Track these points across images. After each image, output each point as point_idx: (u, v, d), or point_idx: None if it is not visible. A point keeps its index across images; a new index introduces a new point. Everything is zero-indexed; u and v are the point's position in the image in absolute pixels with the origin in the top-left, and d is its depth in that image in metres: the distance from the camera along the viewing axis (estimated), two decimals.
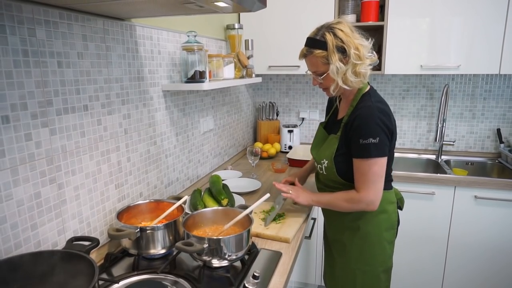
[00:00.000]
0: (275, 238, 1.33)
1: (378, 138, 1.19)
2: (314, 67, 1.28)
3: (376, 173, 1.23)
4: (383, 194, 1.29)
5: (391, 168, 1.37)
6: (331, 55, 1.20)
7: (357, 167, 1.26)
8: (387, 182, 1.33)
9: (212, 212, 1.25)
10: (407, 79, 2.60)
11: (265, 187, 1.91)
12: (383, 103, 1.28)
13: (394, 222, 1.38)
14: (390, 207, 1.36)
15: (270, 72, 2.47)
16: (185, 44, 1.52)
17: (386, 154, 1.23)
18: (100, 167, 1.22)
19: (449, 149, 2.58)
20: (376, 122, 1.19)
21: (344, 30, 1.21)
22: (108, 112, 1.24)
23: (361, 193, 1.25)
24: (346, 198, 1.29)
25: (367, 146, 1.20)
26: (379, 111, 1.21)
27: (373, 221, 1.33)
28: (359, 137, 1.21)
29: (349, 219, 1.36)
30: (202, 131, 1.97)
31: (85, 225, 1.17)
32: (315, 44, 1.23)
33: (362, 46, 1.22)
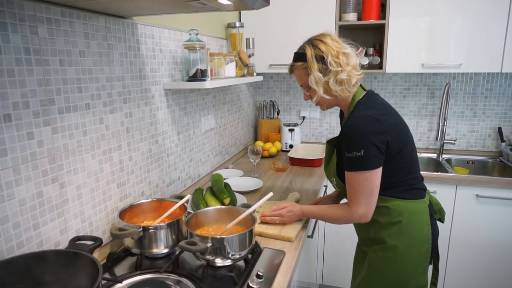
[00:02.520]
0: (278, 237, 1.33)
1: (363, 150, 1.12)
2: (300, 81, 1.28)
3: (365, 187, 1.16)
4: (408, 204, 1.22)
5: (417, 175, 1.27)
6: (310, 65, 1.19)
7: (347, 179, 1.21)
8: (411, 191, 1.24)
9: (215, 211, 1.24)
10: (408, 77, 2.60)
11: (266, 185, 1.91)
12: (376, 108, 1.19)
13: (427, 235, 1.24)
14: (421, 219, 1.23)
15: (271, 70, 2.46)
16: (187, 43, 1.51)
17: (375, 166, 1.15)
18: (102, 166, 1.21)
19: (450, 148, 2.58)
20: (360, 133, 1.13)
21: (324, 40, 1.20)
22: (110, 110, 1.23)
23: (352, 207, 1.20)
24: (338, 212, 1.26)
25: (352, 159, 1.15)
26: (366, 120, 1.14)
27: (402, 234, 1.22)
28: (345, 150, 1.17)
29: (373, 231, 1.28)
30: (203, 130, 1.96)
31: (87, 225, 1.16)
32: (297, 57, 1.25)
33: (344, 54, 1.19)
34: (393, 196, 1.22)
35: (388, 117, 1.18)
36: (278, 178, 2.06)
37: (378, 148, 1.13)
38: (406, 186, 1.23)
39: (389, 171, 1.19)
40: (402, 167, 1.22)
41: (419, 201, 1.25)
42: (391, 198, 1.22)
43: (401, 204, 1.22)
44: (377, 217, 1.23)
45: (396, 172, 1.21)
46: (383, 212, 1.23)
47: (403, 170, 1.22)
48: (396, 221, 1.22)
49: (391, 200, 1.22)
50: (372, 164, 1.14)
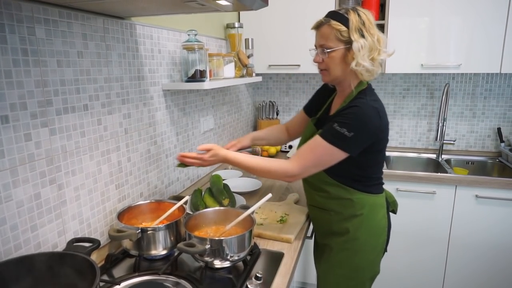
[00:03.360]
0: (277, 238, 1.32)
1: (353, 134, 1.10)
2: (323, 40, 1.18)
3: (321, 158, 1.15)
4: (370, 198, 1.26)
5: (381, 171, 1.31)
6: (352, 32, 1.12)
7: (313, 140, 1.17)
8: (375, 186, 1.28)
9: (214, 212, 1.24)
10: (407, 78, 2.60)
11: (265, 186, 1.90)
12: (379, 103, 1.19)
13: (384, 228, 1.30)
14: (380, 212, 1.29)
15: (270, 71, 2.46)
16: (186, 43, 1.51)
17: (349, 151, 1.13)
18: (100, 167, 1.21)
19: (449, 148, 2.58)
20: (363, 119, 1.11)
21: (369, 17, 1.16)
22: (108, 111, 1.23)
23: (291, 162, 1.18)
24: (271, 162, 1.21)
25: (336, 132, 1.11)
26: (371, 110, 1.13)
27: (363, 226, 1.26)
28: (338, 121, 1.12)
29: (337, 222, 1.30)
30: (202, 131, 1.96)
31: (85, 226, 1.16)
32: (336, 16, 1.15)
33: (381, 38, 1.17)
34: (359, 189, 1.25)
35: (385, 115, 1.19)
36: None
37: (365, 142, 1.15)
38: (373, 181, 1.28)
39: (365, 165, 1.23)
40: (376, 164, 1.27)
41: (379, 196, 1.30)
42: (356, 191, 1.25)
43: (364, 197, 1.26)
44: (340, 209, 1.28)
45: (370, 168, 1.26)
46: (346, 204, 1.27)
47: (377, 167, 1.28)
48: (359, 214, 1.26)
49: (356, 193, 1.26)
50: (348, 149, 1.14)
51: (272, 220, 1.45)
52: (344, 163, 1.18)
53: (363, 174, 1.25)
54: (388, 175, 2.14)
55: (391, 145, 2.70)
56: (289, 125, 1.63)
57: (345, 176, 1.25)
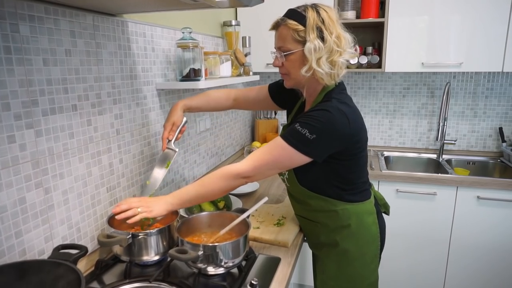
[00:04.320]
0: (274, 243, 1.28)
1: (315, 136, 1.00)
2: (281, 41, 1.09)
3: (279, 162, 1.06)
4: (356, 207, 1.17)
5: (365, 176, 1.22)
6: (309, 32, 1.02)
7: (271, 143, 1.07)
8: (360, 193, 1.19)
9: (208, 216, 1.20)
10: (407, 77, 2.55)
11: (263, 187, 1.86)
12: (348, 106, 1.07)
13: (376, 234, 1.21)
14: (369, 219, 1.20)
15: (268, 70, 2.41)
16: (180, 41, 1.46)
17: (310, 154, 1.03)
18: (90, 170, 1.17)
19: (450, 148, 2.54)
20: (326, 122, 1.01)
21: (330, 14, 1.05)
22: (98, 112, 1.19)
23: (243, 164, 1.07)
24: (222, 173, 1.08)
25: (297, 133, 1.01)
26: (339, 116, 1.02)
27: (352, 237, 1.18)
28: (299, 122, 1.02)
29: (325, 234, 1.22)
30: (198, 131, 1.91)
31: (74, 231, 1.12)
32: (293, 15, 1.06)
33: (344, 37, 1.06)
34: (343, 200, 1.16)
35: (357, 118, 1.08)
36: (275, 180, 2.01)
37: (330, 147, 1.05)
38: (357, 188, 1.19)
39: (344, 172, 1.13)
40: (357, 169, 1.17)
41: (366, 202, 1.21)
42: (340, 202, 1.16)
43: (349, 208, 1.17)
44: (326, 221, 1.21)
45: (351, 174, 1.16)
46: (332, 216, 1.19)
47: (358, 172, 1.18)
48: (346, 225, 1.18)
49: (339, 204, 1.17)
50: (310, 153, 1.03)
51: (269, 223, 1.41)
52: (321, 173, 1.13)
53: (345, 182, 1.15)
54: (388, 176, 2.10)
55: (391, 145, 2.67)
56: (241, 94, 1.44)
57: (325, 188, 1.16)
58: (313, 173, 1.14)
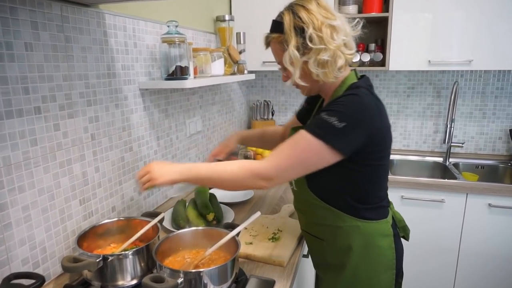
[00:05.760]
0: (268, 261, 1.14)
1: (344, 124, 0.85)
2: (276, 57, 1.01)
3: (305, 159, 0.89)
4: (370, 226, 1.01)
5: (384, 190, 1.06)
6: (287, 39, 0.93)
7: (295, 136, 0.91)
8: (377, 210, 1.03)
9: (191, 233, 1.06)
10: (412, 75, 2.41)
11: (257, 196, 1.72)
12: (377, 98, 0.96)
13: (391, 261, 1.04)
14: (384, 242, 1.03)
15: (264, 68, 2.27)
16: (165, 36, 1.32)
17: (340, 148, 0.88)
18: (58, 181, 1.02)
19: (457, 151, 2.40)
20: (359, 110, 0.87)
21: (308, 7, 0.92)
22: (68, 115, 1.05)
23: (263, 162, 0.91)
24: (240, 164, 0.93)
25: (324, 122, 0.87)
26: (371, 100, 0.91)
27: (363, 259, 1.02)
28: (325, 110, 0.89)
29: (332, 254, 1.07)
30: (188, 134, 1.77)
31: (38, 252, 0.98)
32: (274, 26, 0.98)
33: (330, 26, 0.91)
34: (353, 215, 1.01)
35: (386, 113, 0.97)
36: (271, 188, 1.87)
37: (359, 138, 0.88)
38: (374, 202, 1.03)
39: (362, 179, 0.98)
40: (377, 179, 1.02)
41: (382, 222, 1.03)
42: (349, 217, 1.01)
43: (361, 226, 1.01)
44: (332, 238, 1.05)
45: (369, 184, 1.00)
46: (338, 233, 1.03)
47: (378, 183, 1.03)
48: (355, 246, 1.02)
49: (349, 219, 1.01)
50: (339, 144, 0.87)
51: (263, 237, 1.26)
52: (334, 179, 0.98)
53: (360, 193, 0.99)
54: (392, 181, 1.96)
55: (394, 148, 2.52)
56: (285, 128, 1.39)
57: (336, 197, 1.00)
58: (326, 178, 0.98)
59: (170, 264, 0.99)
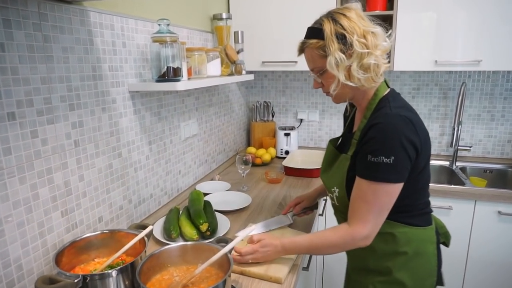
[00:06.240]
0: (264, 278, 1.06)
1: (393, 157, 0.90)
2: (311, 63, 1.05)
3: (380, 203, 0.95)
4: (416, 232, 1.03)
5: (427, 196, 1.07)
6: (329, 44, 0.96)
7: (358, 189, 0.97)
8: (422, 216, 1.05)
9: (180, 249, 0.97)
10: (417, 76, 2.32)
11: (256, 202, 1.64)
12: (408, 109, 0.98)
13: (434, 268, 1.06)
14: (430, 249, 1.05)
15: (264, 68, 2.19)
16: (155, 35, 1.24)
17: (401, 179, 0.94)
18: (36, 192, 0.95)
19: (464, 155, 2.31)
20: (394, 136, 0.91)
21: (348, 15, 0.97)
22: (48, 120, 0.97)
23: (355, 225, 0.97)
24: (333, 236, 1.00)
25: (375, 165, 0.92)
26: (401, 121, 0.92)
27: (408, 267, 1.03)
28: (369, 152, 0.93)
29: (375, 259, 1.07)
30: (183, 137, 1.69)
31: (13, 269, 0.90)
32: (312, 33, 1.01)
33: (371, 33, 0.96)
34: (401, 221, 1.02)
35: (421, 123, 0.97)
36: (271, 191, 1.79)
37: (410, 158, 0.93)
38: (417, 210, 1.05)
39: (406, 191, 0.97)
40: (419, 189, 1.03)
41: (428, 228, 1.06)
42: (398, 224, 1.02)
43: (408, 231, 1.03)
44: (378, 244, 1.03)
45: (413, 195, 1.01)
46: (387, 239, 1.04)
47: (420, 192, 1.04)
48: (402, 252, 1.03)
49: (398, 226, 1.02)
50: (399, 176, 0.93)
51: None
52: None
53: (405, 203, 1.00)
54: None
55: None
56: None
57: None
58: None
59: (157, 283, 0.91)
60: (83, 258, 1.01)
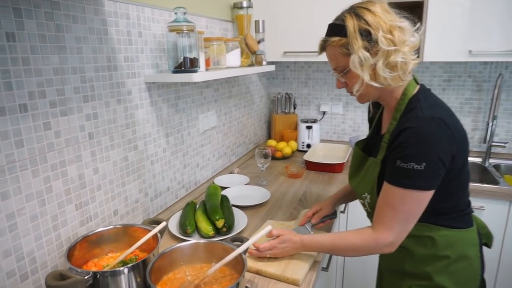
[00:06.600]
0: (281, 279, 1.02)
1: (424, 164, 0.84)
2: (333, 62, 0.98)
3: (408, 210, 0.89)
4: (458, 235, 0.97)
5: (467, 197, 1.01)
6: (352, 42, 0.89)
7: (385, 195, 0.92)
8: (463, 218, 0.99)
9: (191, 247, 0.94)
10: (448, 67, 2.19)
11: (275, 198, 1.59)
12: (441, 108, 0.91)
13: (477, 272, 1.00)
14: (472, 252, 0.99)
15: (285, 59, 2.11)
16: (172, 24, 1.20)
17: (432, 186, 0.87)
18: (50, 185, 0.93)
19: (498, 151, 2.17)
20: (426, 141, 0.84)
21: (372, 10, 0.89)
22: (61, 112, 0.95)
23: (379, 232, 0.92)
24: (356, 239, 0.96)
25: (405, 171, 0.86)
26: (435, 124, 0.85)
27: (450, 271, 0.96)
28: (399, 157, 0.87)
29: (412, 263, 1.01)
30: (201, 130, 1.66)
31: (27, 262, 0.89)
32: (333, 30, 0.94)
33: (399, 28, 0.88)
34: (442, 224, 0.96)
35: (456, 121, 0.91)
36: (291, 186, 1.74)
37: (443, 164, 0.86)
38: (457, 212, 0.98)
39: (444, 193, 0.91)
40: (458, 189, 0.97)
41: (470, 230, 0.99)
42: (438, 227, 0.96)
43: (449, 234, 0.96)
44: (416, 248, 0.99)
45: (452, 196, 0.95)
46: (426, 243, 0.98)
47: (459, 193, 0.98)
48: (443, 256, 0.97)
49: (438, 229, 0.96)
50: (431, 184, 0.87)
51: None
52: None
53: (443, 205, 0.95)
54: None
55: None
56: None
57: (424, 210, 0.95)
58: None
59: (169, 282, 0.89)
60: (97, 252, 1.00)
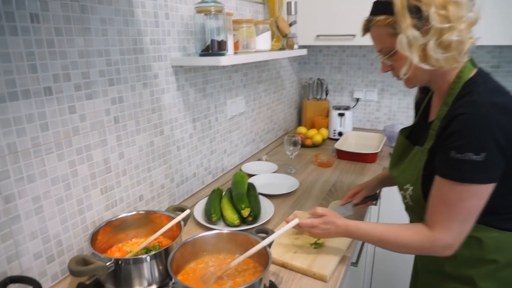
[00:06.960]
0: (307, 273, 0.97)
1: (484, 154, 0.75)
2: (378, 43, 0.90)
3: (467, 207, 0.80)
4: (509, 238, 0.86)
5: None
6: (399, 20, 0.80)
7: (439, 191, 0.83)
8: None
9: (215, 237, 0.92)
10: (497, 51, 2.01)
11: (304, 187, 1.54)
12: (501, 93, 0.81)
13: None
14: None
15: (318, 42, 2.02)
16: (200, 5, 1.16)
17: (493, 179, 0.78)
18: (75, 169, 0.93)
19: None
20: (485, 128, 0.75)
21: None
22: (86, 95, 0.93)
23: (436, 231, 0.83)
24: (409, 234, 0.87)
25: (461, 163, 0.77)
26: (496, 110, 0.76)
27: (497, 277, 0.87)
28: (453, 147, 0.78)
29: (453, 265, 0.92)
30: (229, 115, 1.62)
31: (53, 245, 0.90)
32: (378, 8, 0.85)
33: (454, 2, 0.78)
34: (492, 225, 0.86)
35: None
36: (321, 175, 1.67)
37: (504, 154, 0.77)
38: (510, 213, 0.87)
39: (500, 190, 0.81)
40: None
41: None
42: (488, 228, 0.86)
43: (500, 237, 0.86)
44: (463, 250, 0.87)
45: (508, 194, 0.84)
46: (471, 244, 0.87)
47: None
48: (490, 259, 0.87)
49: (487, 230, 0.86)
50: (490, 176, 0.78)
51: (304, 242, 1.09)
52: None
53: (499, 204, 0.85)
54: None
55: None
56: None
57: None
58: None
59: (191, 272, 0.87)
60: (121, 237, 1.00)
